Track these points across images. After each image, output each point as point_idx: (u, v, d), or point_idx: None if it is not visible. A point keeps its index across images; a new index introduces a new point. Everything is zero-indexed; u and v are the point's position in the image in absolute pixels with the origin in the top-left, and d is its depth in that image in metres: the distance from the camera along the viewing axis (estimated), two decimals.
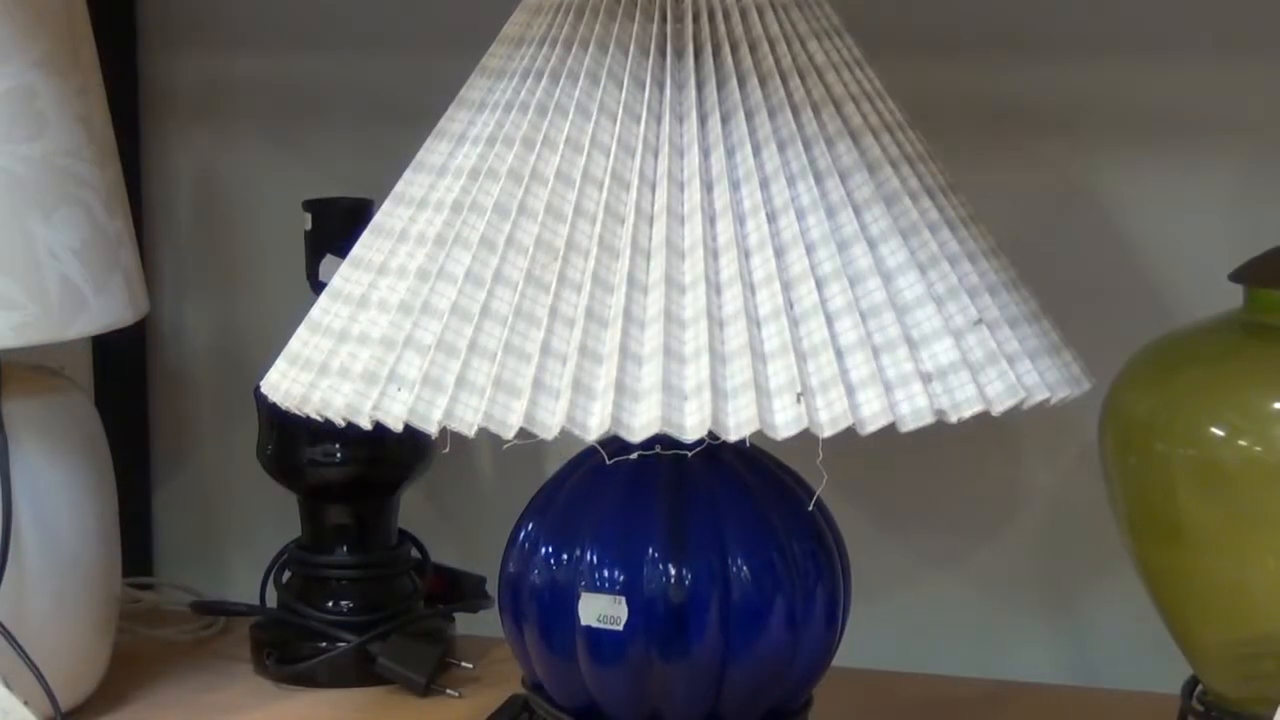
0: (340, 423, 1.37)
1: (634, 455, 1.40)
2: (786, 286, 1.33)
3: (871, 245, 1.36)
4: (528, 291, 1.33)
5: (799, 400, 1.30)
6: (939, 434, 1.38)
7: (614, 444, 1.36)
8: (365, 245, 1.43)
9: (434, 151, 1.44)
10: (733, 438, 1.30)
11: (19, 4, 1.58)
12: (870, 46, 1.49)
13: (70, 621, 1.65)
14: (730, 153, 1.36)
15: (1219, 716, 1.50)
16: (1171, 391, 1.47)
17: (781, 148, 1.36)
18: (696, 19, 1.38)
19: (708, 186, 1.35)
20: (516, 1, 1.46)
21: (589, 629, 1.42)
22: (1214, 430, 1.43)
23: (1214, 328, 1.51)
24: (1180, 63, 1.73)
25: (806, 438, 1.31)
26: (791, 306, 1.33)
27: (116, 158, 1.67)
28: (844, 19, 1.46)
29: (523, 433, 1.30)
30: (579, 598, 1.43)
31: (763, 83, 1.37)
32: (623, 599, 1.42)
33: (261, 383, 1.44)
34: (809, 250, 1.34)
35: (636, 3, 1.39)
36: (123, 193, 1.68)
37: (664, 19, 1.38)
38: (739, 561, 1.44)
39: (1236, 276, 1.47)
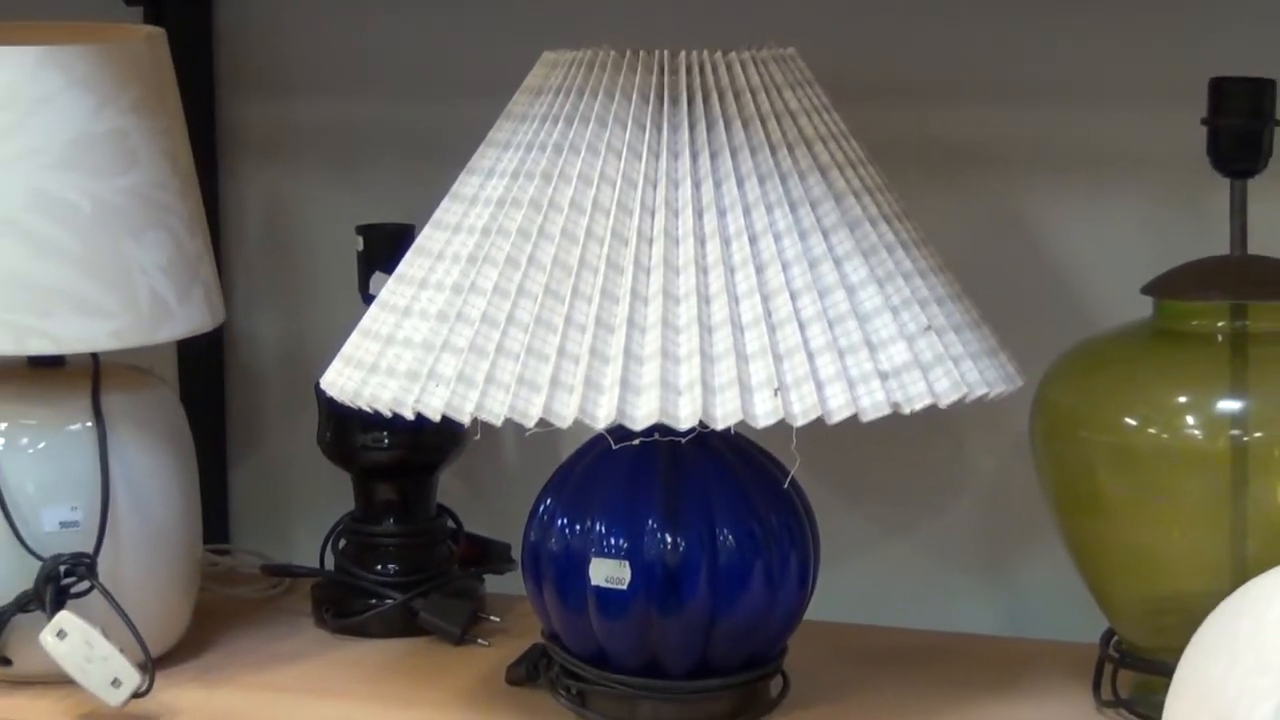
0: (387, 414, 1.40)
1: (636, 441, 1.41)
2: (765, 298, 1.35)
3: (837, 263, 1.38)
4: (546, 303, 1.35)
5: (776, 395, 1.33)
6: (895, 423, 1.39)
7: (619, 432, 1.38)
8: (408, 263, 1.45)
9: (466, 184, 1.45)
10: (719, 426, 1.33)
11: (114, 57, 1.59)
12: (836, 94, 1.50)
13: (159, 582, 1.64)
14: (718, 185, 1.38)
15: (1131, 662, 1.50)
16: (1092, 387, 1.49)
17: (761, 181, 1.38)
18: (689, 71, 1.40)
19: (699, 213, 1.36)
20: (537, 56, 1.48)
21: (598, 588, 1.44)
22: (1127, 420, 1.45)
23: (1128, 333, 1.52)
24: (1098, 108, 1.73)
25: (782, 427, 1.34)
26: (770, 315, 1.35)
27: (196, 188, 1.68)
28: (814, 71, 1.48)
29: (542, 422, 1.33)
30: (589, 562, 1.45)
31: (745, 125, 1.39)
32: (626, 563, 1.44)
33: (321, 380, 1.47)
34: (784, 268, 1.36)
35: (638, 57, 1.41)
36: (202, 217, 1.68)
37: (661, 71, 1.40)
38: (725, 531, 1.45)
39: (1147, 290, 1.48)
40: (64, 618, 1.52)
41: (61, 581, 1.54)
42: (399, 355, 1.41)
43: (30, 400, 1.63)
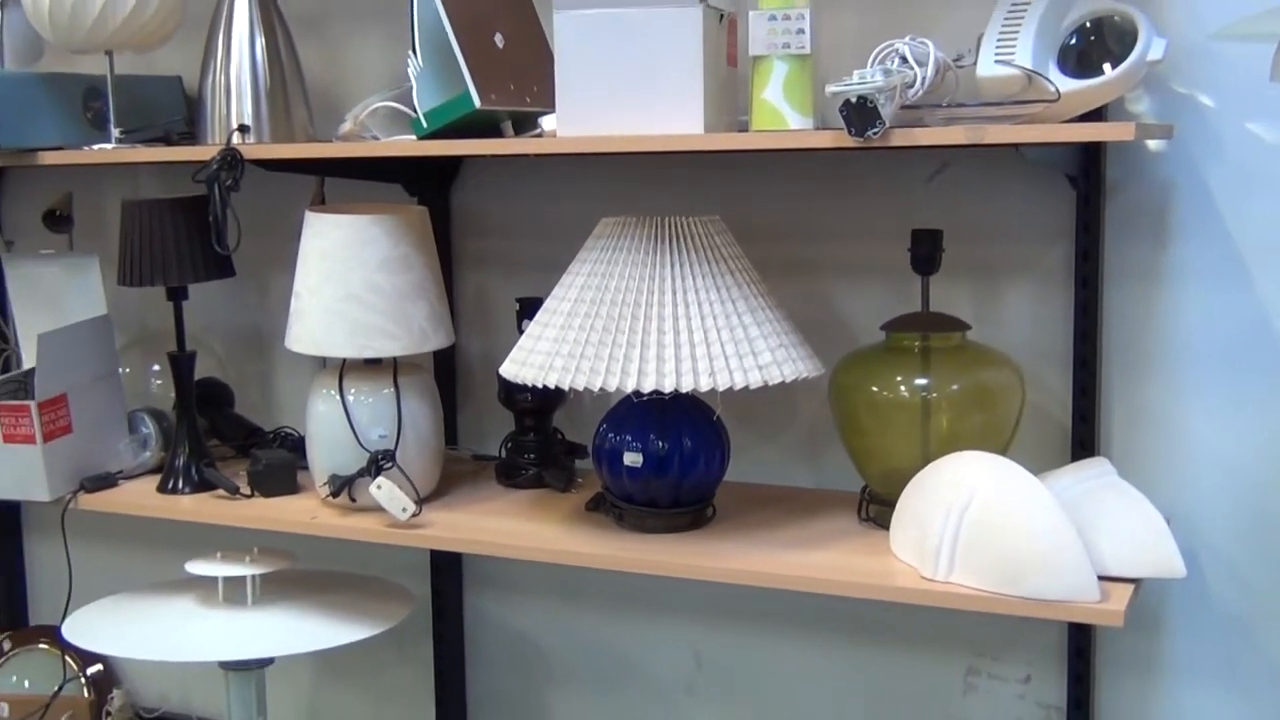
0: (530, 384, 1.43)
1: (646, 397, 1.43)
2: (705, 333, 1.39)
3: (739, 315, 1.41)
4: (604, 338, 1.39)
5: (711, 377, 1.37)
6: (768, 390, 1.42)
7: (638, 394, 1.40)
8: (538, 319, 1.47)
9: (563, 282, 1.47)
10: (683, 390, 1.37)
11: (402, 220, 1.59)
12: (738, 235, 1.53)
13: (423, 463, 1.64)
14: (682, 279, 1.41)
15: (875, 500, 1.50)
16: (858, 372, 1.48)
17: (703, 277, 1.42)
18: (668, 227, 1.43)
19: (673, 294, 1.40)
20: (598, 219, 1.49)
21: (626, 466, 1.48)
22: (874, 388, 1.46)
23: (874, 347, 1.51)
24: (867, 240, 1.65)
25: (714, 392, 1.38)
26: (705, 341, 1.39)
27: (441, 280, 1.65)
28: (729, 225, 1.51)
29: (601, 390, 1.38)
30: (623, 454, 1.48)
31: (695, 253, 1.42)
32: (640, 455, 1.47)
33: (500, 369, 1.49)
34: (714, 319, 1.40)
35: (643, 220, 1.44)
36: (443, 293, 1.65)
37: (655, 227, 1.43)
38: (686, 440, 1.48)
39: (884, 327, 1.49)
40: (381, 480, 1.56)
41: (379, 463, 1.58)
42: (534, 358, 1.43)
43: (366, 378, 1.63)
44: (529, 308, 1.68)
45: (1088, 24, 1.34)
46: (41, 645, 2.26)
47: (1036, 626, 1.63)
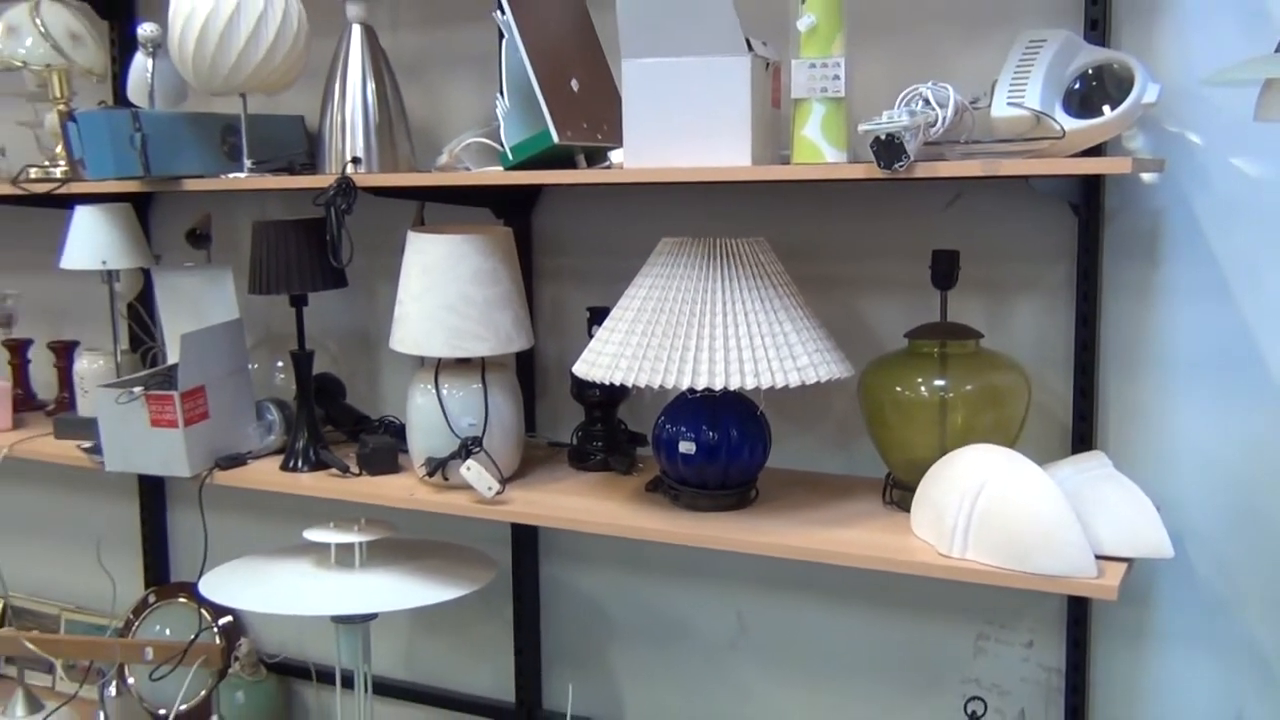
0: (599, 381, 1.41)
1: (699, 393, 1.43)
2: (750, 340, 1.38)
3: (780, 324, 1.40)
4: (663, 342, 1.39)
5: (755, 377, 1.36)
6: (803, 389, 1.44)
7: (692, 391, 1.39)
8: (606, 326, 1.46)
9: (627, 294, 1.47)
10: (732, 388, 1.36)
11: (490, 239, 1.57)
12: (780, 253, 1.56)
13: (506, 447, 1.63)
14: (731, 294, 1.40)
15: (898, 485, 1.48)
16: (882, 374, 1.47)
17: (749, 290, 1.40)
18: (716, 247, 1.42)
19: (723, 306, 1.39)
20: (659, 238, 1.50)
21: (681, 453, 1.47)
22: (896, 388, 1.44)
23: (898, 352, 1.49)
24: (890, 260, 1.62)
25: (758, 390, 1.38)
26: (751, 345, 1.38)
27: (523, 291, 1.64)
28: (773, 246, 1.51)
29: (660, 387, 1.37)
30: (679, 442, 1.47)
31: (742, 269, 1.41)
32: (693, 443, 1.46)
33: (573, 368, 1.47)
34: (759, 326, 1.39)
35: (699, 241, 1.43)
36: (525, 302, 1.63)
37: (708, 247, 1.42)
38: (733, 431, 1.46)
39: (907, 334, 1.47)
40: (470, 462, 1.56)
41: (469, 447, 1.58)
42: (602, 359, 1.42)
43: (458, 375, 1.62)
44: (598, 315, 1.69)
45: (1090, 71, 1.33)
46: (181, 599, 2.29)
47: (1039, 598, 1.62)
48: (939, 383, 1.43)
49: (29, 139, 2.19)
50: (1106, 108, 1.30)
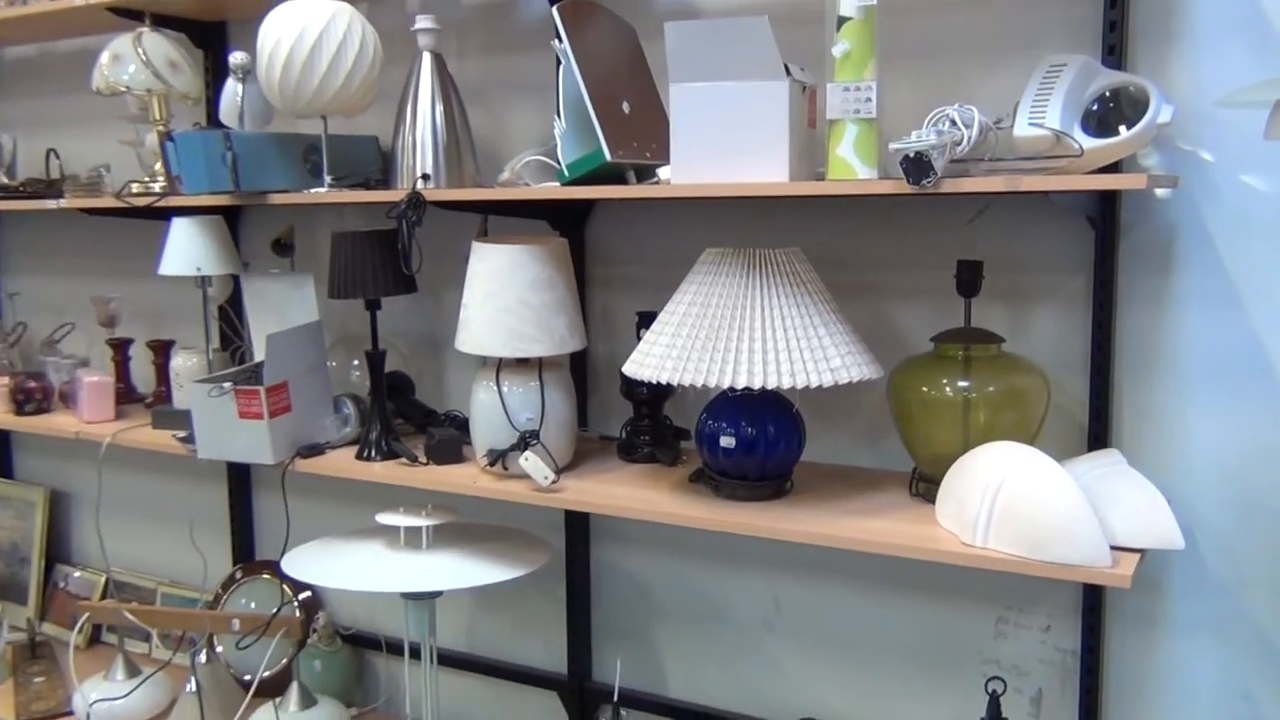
0: (646, 380, 1.40)
1: (739, 391, 1.44)
2: (787, 343, 1.37)
3: (815, 328, 1.39)
4: (706, 345, 1.38)
5: (791, 377, 1.35)
6: (835, 389, 1.44)
7: (732, 390, 1.42)
8: (653, 329, 1.46)
9: (674, 299, 1.45)
10: (770, 387, 1.34)
11: (547, 249, 1.57)
12: (813, 260, 1.55)
13: (561, 440, 1.63)
14: (768, 299, 1.39)
15: (924, 478, 1.48)
16: (910, 375, 1.46)
17: (786, 297, 1.39)
18: (757, 257, 1.41)
19: (761, 312, 1.38)
20: (703, 249, 1.52)
21: (722, 447, 1.46)
22: (923, 388, 1.43)
23: (925, 355, 1.48)
24: (914, 267, 1.62)
25: (793, 390, 1.38)
26: (788, 348, 1.37)
27: (577, 297, 1.63)
28: (807, 255, 1.52)
29: (703, 386, 1.35)
30: (719, 436, 1.46)
31: (779, 277, 1.41)
32: (733, 438, 1.46)
33: (623, 368, 1.46)
34: (795, 330, 1.38)
35: (738, 251, 1.42)
36: (578, 306, 1.61)
37: (746, 257, 1.41)
38: (770, 427, 1.46)
39: (933, 339, 1.46)
40: (528, 453, 1.56)
41: (527, 440, 1.57)
42: (650, 360, 1.41)
43: (517, 373, 1.61)
44: (646, 320, 1.69)
45: (1107, 93, 1.32)
46: (265, 576, 2.31)
47: (1056, 585, 1.60)
48: (963, 384, 1.42)
49: (131, 157, 2.28)
50: (1123, 127, 1.29)
